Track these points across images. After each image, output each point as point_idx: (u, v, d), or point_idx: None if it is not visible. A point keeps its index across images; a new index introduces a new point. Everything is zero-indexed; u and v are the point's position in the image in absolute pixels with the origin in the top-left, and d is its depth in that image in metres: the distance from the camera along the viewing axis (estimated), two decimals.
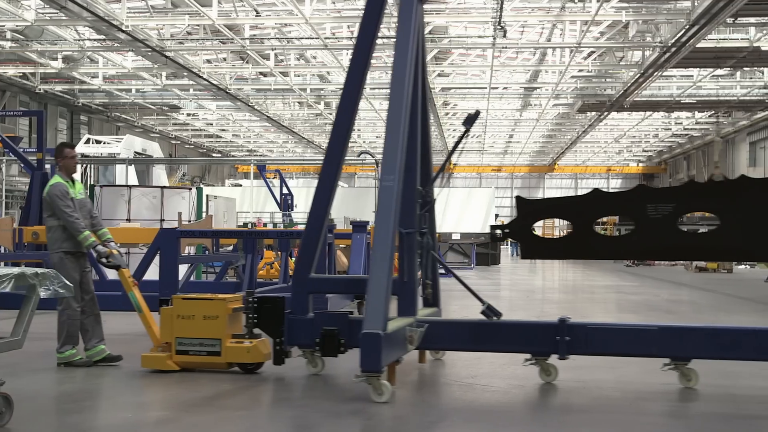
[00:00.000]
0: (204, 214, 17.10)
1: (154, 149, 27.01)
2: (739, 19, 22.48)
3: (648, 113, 38.57)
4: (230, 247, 13.59)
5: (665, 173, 58.72)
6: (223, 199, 21.32)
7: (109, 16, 22.16)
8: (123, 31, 23.17)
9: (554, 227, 48.07)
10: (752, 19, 22.92)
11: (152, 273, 8.57)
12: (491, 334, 6.41)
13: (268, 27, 26.87)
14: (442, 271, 7.57)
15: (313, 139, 49.67)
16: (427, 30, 24.96)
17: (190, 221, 15.05)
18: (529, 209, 6.49)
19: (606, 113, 35.90)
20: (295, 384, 6.39)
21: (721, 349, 6.03)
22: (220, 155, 55.98)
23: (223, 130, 48.17)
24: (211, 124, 46.28)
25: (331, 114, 41.47)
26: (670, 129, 45.82)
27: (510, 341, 6.40)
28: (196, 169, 53.46)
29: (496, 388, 6.38)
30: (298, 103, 38.39)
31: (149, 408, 5.82)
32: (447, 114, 42.00)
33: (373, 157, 25.49)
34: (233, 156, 56.04)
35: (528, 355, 6.42)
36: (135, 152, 24.75)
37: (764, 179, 5.97)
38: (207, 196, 18.71)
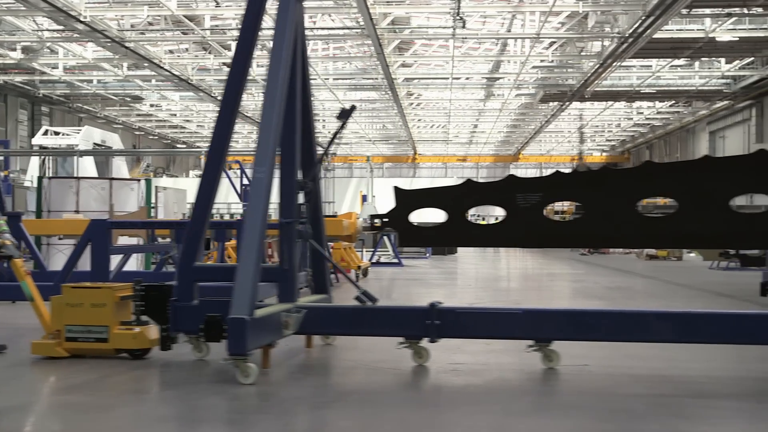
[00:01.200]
0: (153, 206, 17.15)
1: (114, 140, 26.90)
2: (694, 10, 22.81)
3: (609, 103, 38.96)
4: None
5: (629, 162, 59.35)
6: (173, 190, 21.40)
7: (67, 7, 22.02)
8: (81, 22, 23.05)
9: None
10: (707, 11, 23.24)
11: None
12: (367, 319, 6.68)
13: (229, 18, 26.82)
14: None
15: None
16: (388, 20, 25.10)
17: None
18: (406, 199, 6.72)
19: (567, 103, 36.22)
20: (180, 368, 6.60)
21: (578, 330, 6.35)
22: (185, 146, 55.69)
23: (188, 120, 47.96)
24: (175, 115, 46.05)
25: None
26: (632, 119, 46.32)
27: (384, 325, 6.68)
28: (160, 161, 53.21)
29: (379, 368, 6.65)
30: (263, 93, 38.24)
31: (35, 392, 6.01)
32: (411, 104, 42.12)
33: (323, 148, 25.48)
34: (198, 147, 55.76)
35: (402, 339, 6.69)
36: (94, 143, 24.64)
37: (624, 169, 6.30)
38: (156, 187, 18.75)
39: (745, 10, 22.14)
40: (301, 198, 7.13)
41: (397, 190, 6.79)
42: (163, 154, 54.08)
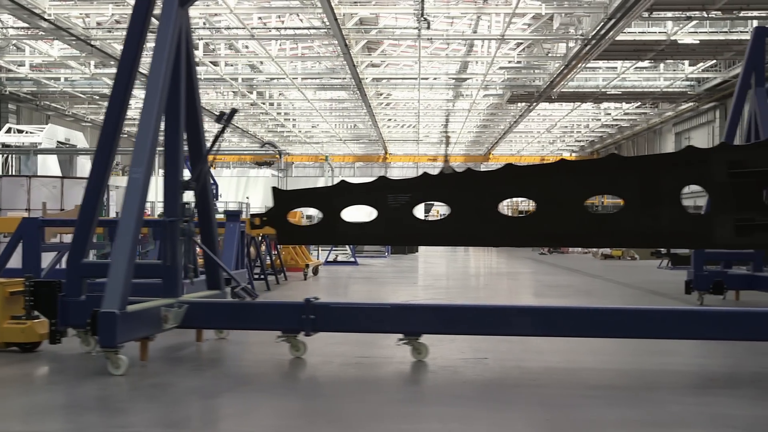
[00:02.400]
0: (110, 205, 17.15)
1: (78, 139, 26.82)
2: (655, 13, 23.12)
3: (577, 104, 39.31)
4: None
5: None
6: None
7: (31, 4, 21.96)
8: (46, 20, 23.00)
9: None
10: (669, 14, 23.56)
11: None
12: (246, 313, 6.95)
13: (194, 16, 26.79)
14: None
15: (248, 129, 49.56)
16: (354, 21, 25.22)
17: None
18: (283, 199, 6.92)
19: (535, 104, 36.51)
20: (67, 360, 6.78)
21: (444, 324, 6.66)
22: None
23: None
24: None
25: (264, 104, 41.50)
26: (600, 120, 46.73)
27: (263, 320, 6.92)
28: (128, 158, 52.94)
29: (263, 360, 6.90)
30: (233, 92, 38.28)
31: None
32: (380, 104, 42.24)
33: (275, 147, 25.68)
34: None
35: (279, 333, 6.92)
36: (58, 142, 24.57)
37: (487, 171, 6.55)
38: (108, 186, 18.66)
39: (705, 14, 22.45)
40: (190, 197, 7.35)
41: (275, 190, 6.99)
42: (126, 153, 53.55)
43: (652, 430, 4.63)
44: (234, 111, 7.76)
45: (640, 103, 39.54)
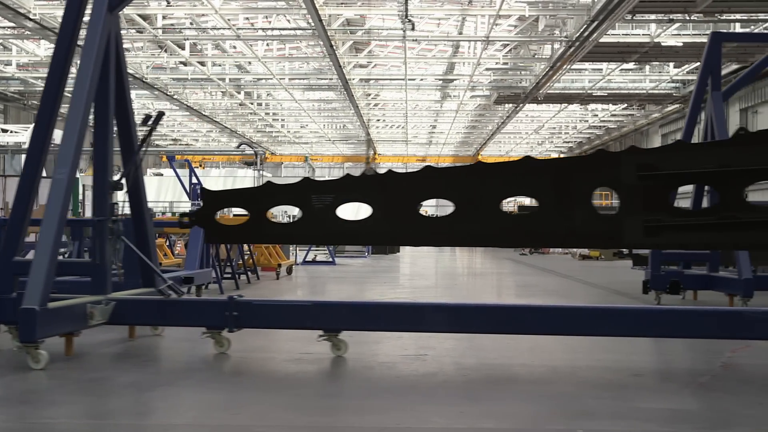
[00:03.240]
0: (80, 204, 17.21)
1: None
2: (638, 15, 23.29)
3: (564, 105, 39.48)
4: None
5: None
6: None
7: (16, 4, 22.01)
8: (31, 20, 23.05)
9: None
10: (652, 16, 23.72)
11: None
12: (172, 310, 7.10)
13: (180, 17, 26.87)
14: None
15: (236, 129, 49.61)
16: (339, 22, 25.32)
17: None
18: (212, 199, 7.05)
19: (521, 105, 36.67)
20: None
21: (362, 321, 6.82)
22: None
23: None
24: (133, 113, 45.82)
25: (252, 104, 41.56)
26: (587, 121, 46.94)
27: (189, 317, 7.08)
28: (117, 159, 52.84)
29: (190, 355, 7.07)
30: (221, 92, 38.34)
31: None
32: (368, 105, 42.34)
33: (252, 148, 25.77)
34: (157, 146, 55.61)
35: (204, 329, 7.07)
36: None
37: (406, 173, 6.66)
38: (84, 186, 18.76)
39: (687, 16, 22.62)
40: (120, 197, 7.48)
41: (203, 190, 7.14)
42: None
43: (558, 420, 4.80)
44: (161, 114, 7.96)
45: (626, 105, 39.73)
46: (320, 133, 53.36)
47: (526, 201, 35.12)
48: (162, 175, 39.93)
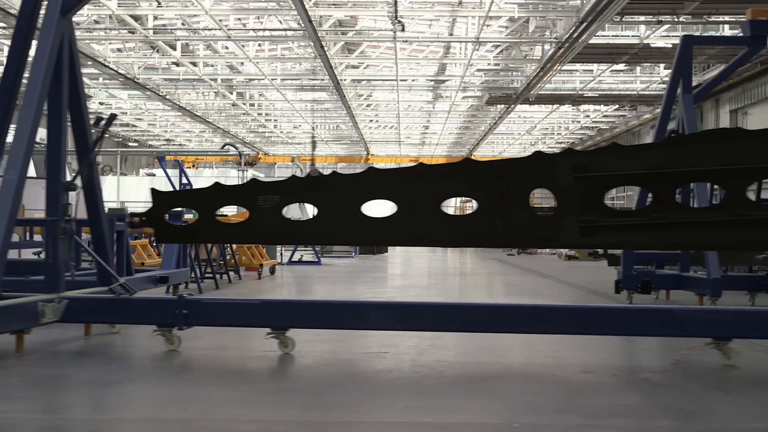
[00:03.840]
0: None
1: None
2: (627, 17, 23.39)
3: (555, 106, 39.58)
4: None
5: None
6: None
7: (6, 5, 22.01)
8: None
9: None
10: (641, 17, 23.82)
11: None
12: (123, 308, 7.24)
13: (170, 17, 26.90)
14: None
15: (229, 129, 49.62)
16: (330, 23, 25.37)
17: None
18: (162, 199, 7.15)
19: (513, 106, 36.76)
20: None
21: (307, 319, 6.98)
22: (137, 144, 55.51)
23: (139, 119, 47.82)
24: (126, 113, 45.89)
25: (245, 104, 41.58)
26: (580, 122, 47.04)
27: (139, 315, 7.26)
28: (111, 159, 52.86)
29: (134, 354, 7.26)
30: (214, 92, 38.34)
31: None
32: (361, 105, 42.38)
33: (236, 149, 25.84)
34: (150, 146, 55.65)
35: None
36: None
37: (350, 174, 6.81)
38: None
39: (676, 18, 22.73)
40: (72, 197, 7.62)
41: (153, 191, 7.22)
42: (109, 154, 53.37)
43: (499, 414, 4.96)
44: (113, 116, 8.09)
45: (618, 106, 39.84)
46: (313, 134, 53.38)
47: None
48: (154, 175, 39.97)
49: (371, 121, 49.23)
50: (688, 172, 6.02)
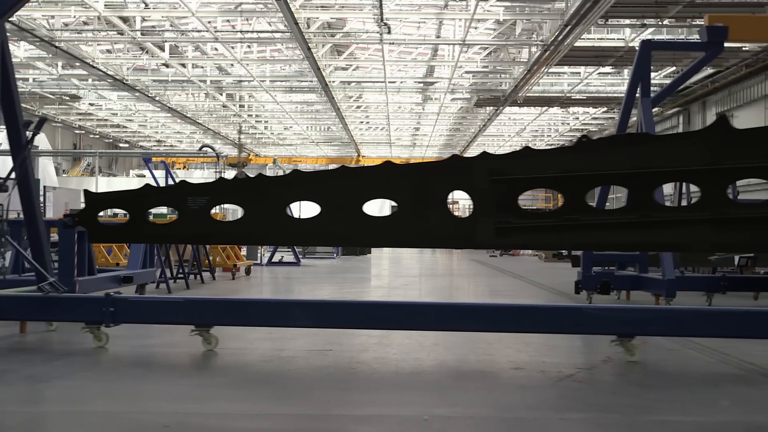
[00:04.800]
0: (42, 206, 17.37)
1: (40, 140, 26.94)
2: (612, 20, 23.55)
3: (544, 108, 39.71)
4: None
5: None
6: (64, 190, 21.73)
7: None
8: (9, 22, 23.08)
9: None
10: (626, 21, 23.98)
11: None
12: (52, 306, 7.36)
13: (158, 19, 26.95)
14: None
15: (219, 130, 49.66)
16: (317, 25, 25.46)
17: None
18: (94, 200, 7.28)
19: (501, 108, 36.88)
20: None
21: (228, 317, 7.20)
22: (127, 145, 55.54)
23: (130, 120, 47.82)
24: (116, 114, 45.91)
25: (235, 105, 41.65)
26: (569, 124, 47.18)
27: (68, 313, 7.42)
28: (102, 160, 52.88)
29: (62, 350, 7.39)
30: (204, 94, 38.36)
31: None
32: (350, 107, 42.45)
33: (213, 150, 25.92)
34: (141, 146, 55.67)
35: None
36: None
37: (276, 176, 6.94)
38: (45, 187, 18.98)
39: (660, 21, 22.87)
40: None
41: (86, 192, 7.34)
42: (66, 155, 52.32)
43: (415, 407, 5.12)
44: (42, 120, 8.20)
45: (606, 108, 39.98)
46: (304, 135, 53.45)
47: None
48: (144, 176, 40.04)
49: (361, 122, 49.31)
50: (597, 175, 6.18)
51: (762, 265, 13.80)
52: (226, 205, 8.31)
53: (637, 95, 12.17)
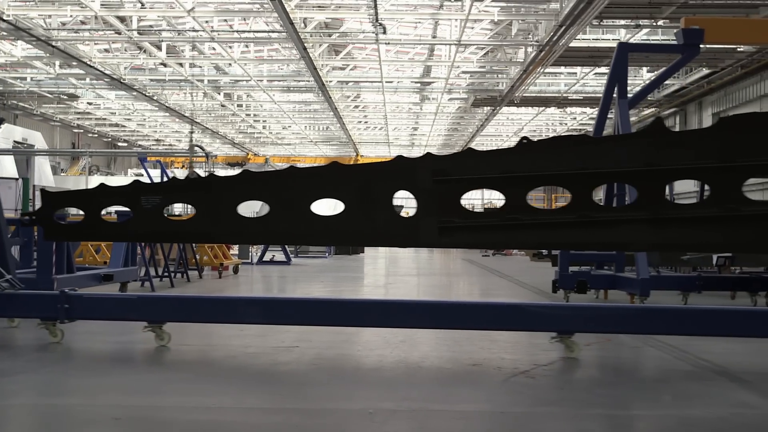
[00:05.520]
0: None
1: (36, 139, 27.05)
2: (607, 21, 23.64)
3: (541, 108, 39.81)
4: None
5: None
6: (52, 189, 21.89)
7: None
8: (5, 21, 23.20)
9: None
10: (620, 21, 24.05)
11: None
12: (8, 303, 7.42)
13: (155, 19, 27.04)
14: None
15: (218, 130, 49.76)
16: (314, 24, 25.55)
17: (17, 210, 15.50)
18: (50, 199, 7.34)
19: (498, 108, 36.97)
20: None
21: (182, 313, 7.31)
22: (126, 144, 55.66)
23: (128, 119, 47.94)
24: (114, 113, 46.03)
25: (233, 105, 41.75)
26: (566, 124, 47.26)
27: (23, 309, 7.50)
28: (101, 159, 53.03)
29: (24, 346, 7.45)
30: (202, 93, 38.45)
31: None
32: (348, 107, 42.54)
33: (203, 150, 26.01)
34: (140, 145, 55.77)
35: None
36: (14, 142, 24.77)
37: (226, 176, 7.00)
38: (34, 186, 19.12)
39: (654, 22, 22.95)
40: None
41: (42, 192, 7.41)
42: (57, 154, 52.15)
43: (362, 401, 5.22)
44: (1, 120, 8.28)
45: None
46: (302, 135, 53.55)
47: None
48: (143, 175, 40.13)
49: (359, 122, 49.39)
50: (538, 176, 6.28)
51: (739, 264, 13.91)
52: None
53: (615, 95, 12.15)
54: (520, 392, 5.57)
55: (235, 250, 21.80)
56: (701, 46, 12.04)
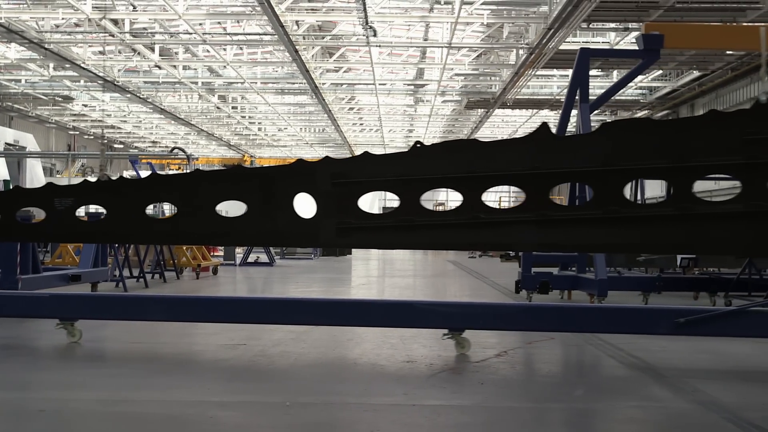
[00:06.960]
0: None
1: (28, 140, 27.14)
2: (596, 24, 23.75)
3: (534, 111, 39.93)
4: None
5: None
6: None
7: None
8: None
9: None
10: (610, 24, 24.18)
11: None
12: None
13: (147, 21, 27.16)
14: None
15: (213, 131, 49.87)
16: (305, 27, 25.68)
17: None
18: (6, 198, 7.37)
19: (491, 110, 37.09)
20: None
21: (91, 311, 7.55)
22: (122, 146, 55.77)
23: (124, 121, 48.04)
24: (110, 115, 46.13)
25: (227, 107, 41.87)
26: None
27: None
28: (95, 161, 53.04)
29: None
30: (197, 95, 38.56)
31: None
32: (342, 109, 42.67)
33: (184, 152, 26.12)
34: (137, 147, 55.88)
35: None
36: (6, 143, 24.87)
37: (137, 179, 7.11)
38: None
39: (642, 25, 23.04)
40: None
41: None
42: (51, 156, 51.89)
43: (283, 395, 5.36)
44: None
45: (597, 111, 40.11)
46: (298, 137, 53.67)
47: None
48: (135, 176, 40.27)
49: (354, 124, 49.52)
50: (431, 178, 6.47)
51: (703, 265, 14.07)
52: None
53: (577, 98, 12.36)
54: (441, 387, 5.75)
55: (220, 252, 21.83)
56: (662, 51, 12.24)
